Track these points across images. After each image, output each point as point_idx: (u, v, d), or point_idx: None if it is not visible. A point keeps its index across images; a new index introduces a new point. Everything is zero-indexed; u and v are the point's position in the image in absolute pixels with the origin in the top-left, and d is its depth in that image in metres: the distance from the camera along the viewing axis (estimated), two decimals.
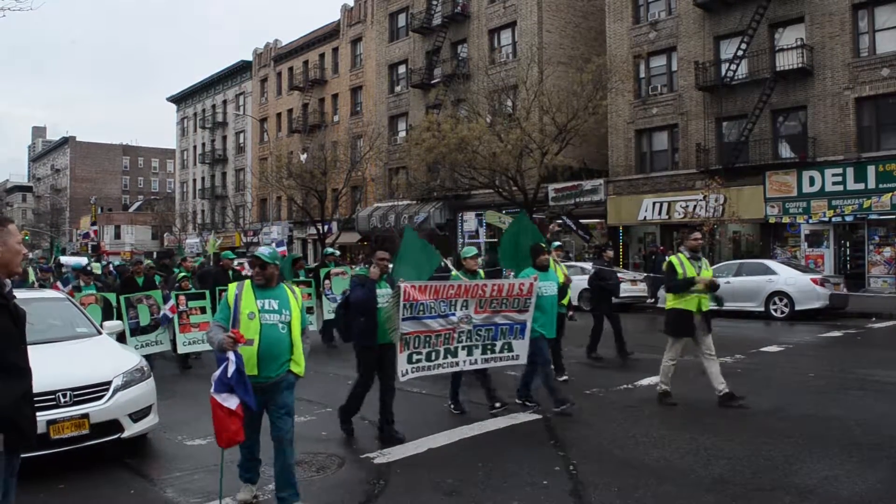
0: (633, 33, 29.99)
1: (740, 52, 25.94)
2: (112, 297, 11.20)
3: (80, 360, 6.88)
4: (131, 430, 6.54)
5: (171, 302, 11.41)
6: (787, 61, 25.11)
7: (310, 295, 13.60)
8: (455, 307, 7.32)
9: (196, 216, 64.49)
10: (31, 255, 47.54)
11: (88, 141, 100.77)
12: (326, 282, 14.16)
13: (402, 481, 5.88)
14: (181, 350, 11.67)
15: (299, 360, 5.22)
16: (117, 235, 77.30)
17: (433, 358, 7.28)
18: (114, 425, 6.40)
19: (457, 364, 7.53)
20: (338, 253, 17.32)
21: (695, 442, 6.69)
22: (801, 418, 7.46)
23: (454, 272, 8.65)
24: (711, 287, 8.45)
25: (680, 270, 8.48)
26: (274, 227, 48.94)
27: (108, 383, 6.47)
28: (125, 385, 6.58)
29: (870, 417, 7.43)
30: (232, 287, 5.21)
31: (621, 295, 21.08)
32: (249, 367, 4.89)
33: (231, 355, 4.69)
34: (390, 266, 7.51)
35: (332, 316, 13.40)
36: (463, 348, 7.50)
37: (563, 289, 9.87)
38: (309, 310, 12.84)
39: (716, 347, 8.60)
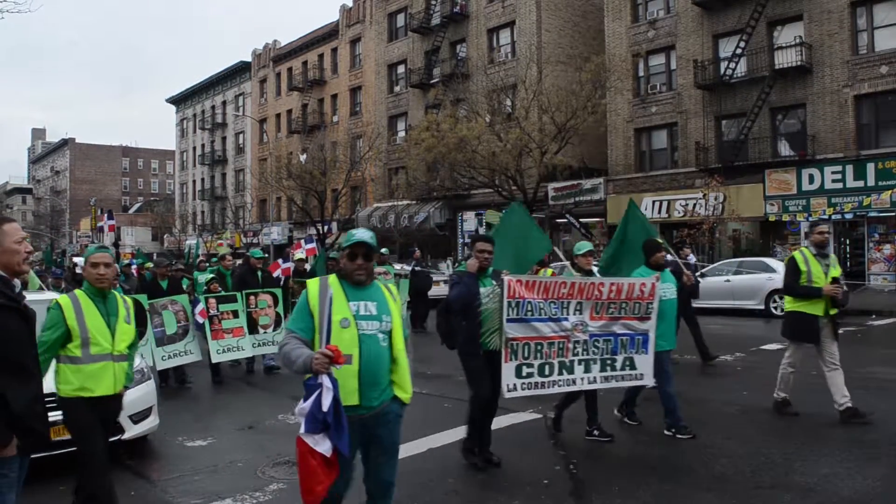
0: (632, 32, 29.99)
1: (739, 51, 25.95)
2: (144, 299, 10.23)
3: None
4: (132, 431, 6.53)
5: (201, 305, 10.64)
6: (786, 59, 25.12)
7: None
8: (568, 310, 6.11)
9: (196, 217, 64.48)
10: (32, 257, 47.55)
11: (88, 142, 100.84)
12: None
13: (401, 481, 5.86)
14: (215, 358, 10.71)
15: (405, 382, 3.95)
16: (117, 237, 77.22)
17: (547, 372, 6.06)
18: (115, 426, 6.38)
19: (573, 382, 6.24)
20: (385, 251, 16.30)
21: (696, 441, 6.69)
22: (801, 416, 7.46)
23: (568, 268, 7.46)
24: (838, 302, 7.31)
25: (804, 268, 7.38)
26: (274, 228, 48.91)
27: None
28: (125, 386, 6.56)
29: (870, 415, 7.43)
30: (313, 285, 3.88)
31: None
32: (346, 393, 3.63)
33: (326, 381, 3.46)
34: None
35: None
36: (580, 363, 6.21)
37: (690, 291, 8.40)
38: None
39: (714, 346, 8.58)
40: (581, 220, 30.89)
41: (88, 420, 4.64)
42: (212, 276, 12.18)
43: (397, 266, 20.57)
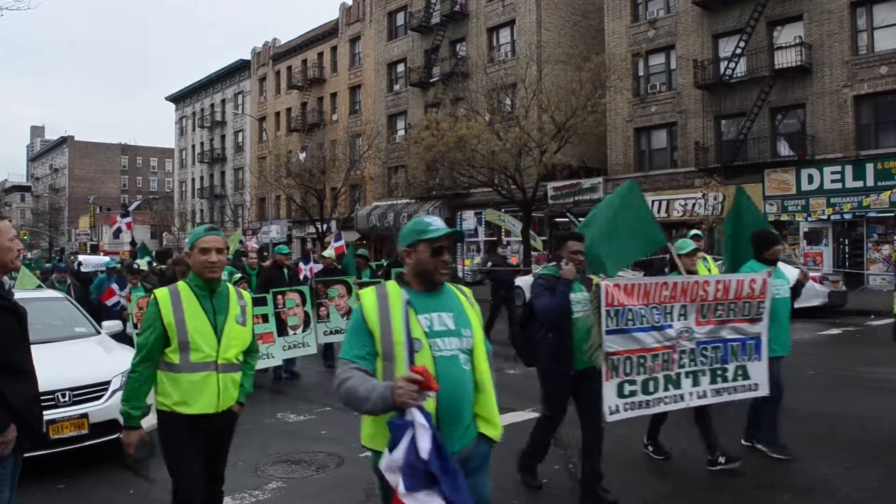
0: (632, 31, 29.99)
1: (739, 50, 25.95)
2: None
3: (79, 359, 6.86)
4: None
5: None
6: (786, 59, 25.12)
7: None
8: (672, 316, 5.37)
9: (195, 215, 64.46)
10: (29, 255, 47.50)
11: (87, 140, 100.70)
12: None
13: None
14: None
15: (492, 415, 3.06)
16: (116, 235, 77.15)
17: (651, 389, 5.30)
18: (113, 425, 6.37)
19: (681, 398, 5.44)
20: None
21: (695, 440, 6.69)
22: (800, 416, 7.46)
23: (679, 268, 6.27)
24: None
25: None
26: (273, 226, 48.91)
27: (108, 383, 6.46)
28: (124, 384, 6.56)
29: (869, 415, 7.43)
30: (368, 296, 2.96)
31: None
32: None
33: (417, 416, 2.58)
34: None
35: None
36: (687, 375, 5.44)
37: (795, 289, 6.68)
38: None
39: None
40: (580, 219, 30.86)
41: (182, 440, 3.80)
42: (239, 275, 11.10)
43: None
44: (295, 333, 10.41)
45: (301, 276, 13.07)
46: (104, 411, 6.29)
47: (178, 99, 67.98)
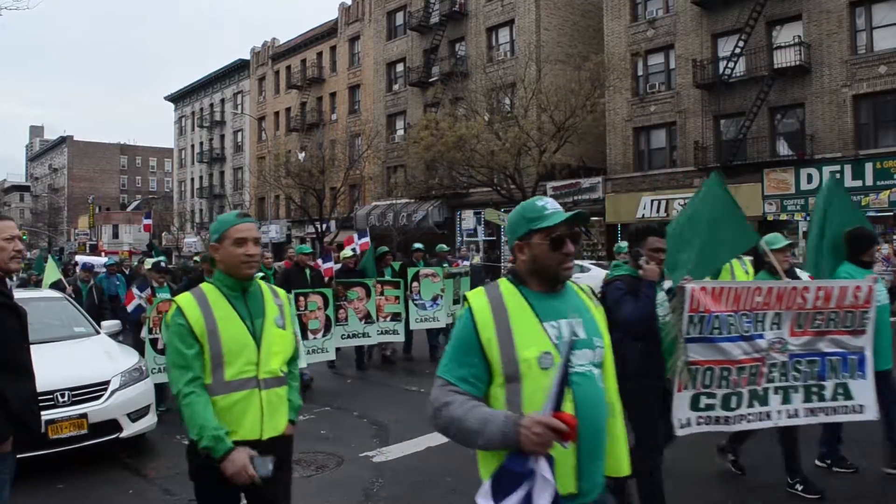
0: (631, 31, 29.98)
1: (738, 50, 25.95)
2: None
3: (79, 359, 6.86)
4: (130, 429, 6.54)
5: None
6: (785, 59, 25.12)
7: (398, 298, 11.56)
8: (764, 324, 4.75)
9: (194, 215, 64.44)
10: (28, 255, 47.48)
11: (86, 140, 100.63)
12: (414, 284, 11.80)
13: (401, 479, 5.88)
14: None
15: (621, 449, 2.50)
16: (115, 235, 77.23)
17: (733, 405, 4.69)
18: (112, 425, 6.39)
19: (767, 416, 4.81)
20: (445, 248, 14.61)
21: (696, 437, 6.68)
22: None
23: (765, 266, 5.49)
24: None
25: None
26: (272, 226, 48.90)
27: (107, 383, 6.47)
28: (123, 385, 6.58)
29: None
30: (479, 300, 2.34)
31: None
32: (560, 477, 2.16)
33: (544, 468, 2.04)
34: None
35: (419, 325, 11.88)
36: (776, 391, 4.81)
37: None
38: (396, 316, 11.48)
39: None
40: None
41: (222, 479, 2.94)
42: (261, 274, 10.66)
43: (465, 263, 19.08)
44: (315, 338, 9.99)
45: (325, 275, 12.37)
46: (103, 411, 6.30)
47: (178, 99, 67.94)
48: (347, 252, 13.27)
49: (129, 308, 9.36)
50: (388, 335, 11.41)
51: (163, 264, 9.46)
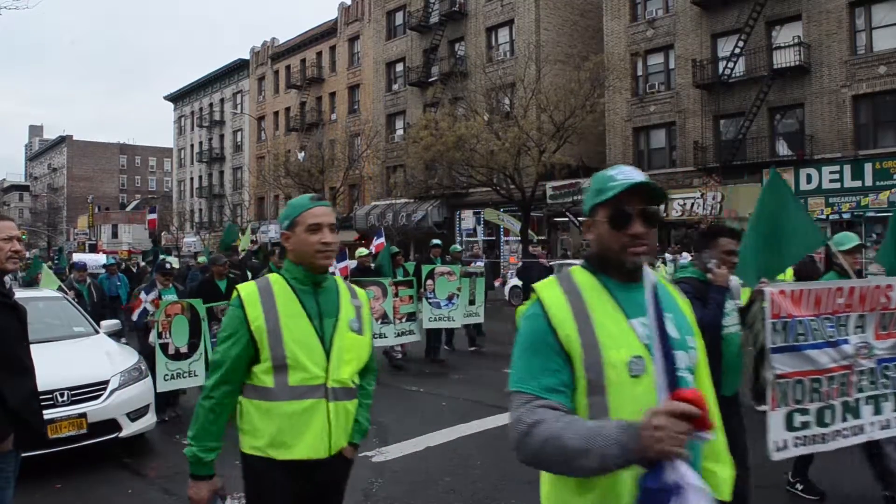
0: (631, 31, 29.98)
1: (738, 50, 25.95)
2: (199, 305, 8.34)
3: (78, 359, 6.86)
4: (129, 429, 6.54)
5: None
6: (785, 59, 25.12)
7: (411, 298, 11.34)
8: (847, 328, 4.35)
9: (193, 215, 64.43)
10: (27, 255, 47.36)
11: (85, 140, 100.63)
12: (429, 283, 11.52)
13: (399, 479, 5.88)
14: None
15: (723, 457, 2.06)
16: (115, 234, 77.22)
17: (828, 420, 4.28)
18: (111, 424, 6.40)
19: (861, 430, 4.37)
20: (459, 247, 14.33)
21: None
22: None
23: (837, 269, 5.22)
24: None
25: None
26: (271, 226, 48.92)
27: (106, 382, 6.47)
28: (123, 384, 6.58)
29: None
30: (552, 291, 1.93)
31: None
32: None
33: (687, 474, 1.59)
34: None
35: (433, 325, 11.61)
36: (867, 401, 4.38)
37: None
38: (411, 316, 11.32)
39: None
40: (579, 218, 30.92)
41: (276, 498, 2.71)
42: (274, 275, 10.35)
43: (480, 263, 18.60)
44: None
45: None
46: (102, 411, 6.30)
47: (177, 98, 67.92)
48: (363, 251, 13.08)
49: (134, 316, 8.77)
50: (405, 336, 11.25)
51: (168, 266, 9.26)
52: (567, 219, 31.29)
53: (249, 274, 12.29)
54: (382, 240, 14.59)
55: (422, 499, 5.41)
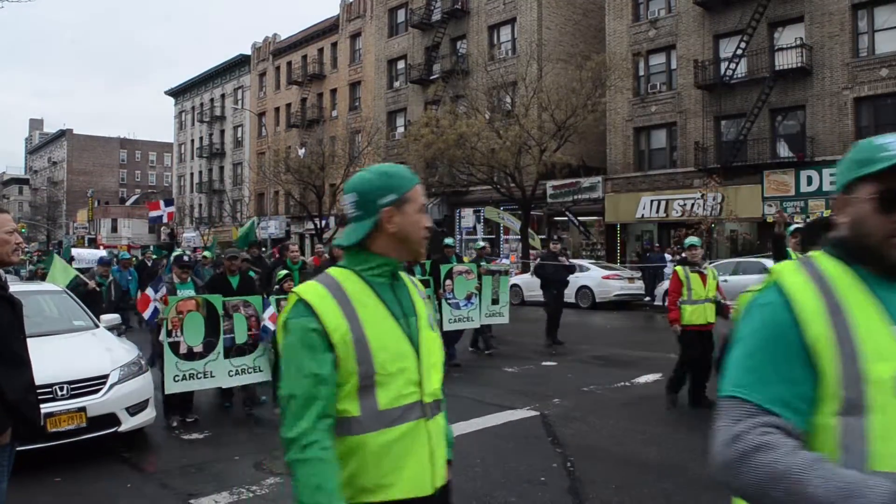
0: (633, 31, 29.97)
1: (739, 51, 25.93)
2: (218, 301, 7.92)
3: (78, 353, 6.85)
4: (128, 423, 6.54)
5: (272, 309, 8.18)
6: (787, 61, 25.11)
7: (428, 298, 10.86)
8: None
9: (193, 210, 64.41)
10: (26, 248, 47.36)
11: (86, 134, 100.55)
12: (447, 282, 11.00)
13: None
14: None
15: None
16: (114, 229, 77.19)
17: None
18: (111, 419, 6.39)
19: None
20: (481, 244, 13.63)
21: (692, 439, 6.69)
22: None
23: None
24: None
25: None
26: (271, 222, 48.92)
27: (106, 377, 6.47)
28: (122, 379, 6.58)
29: None
30: (793, 275, 1.51)
31: (618, 292, 21.36)
32: None
33: None
34: None
35: (453, 326, 11.00)
36: None
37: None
38: None
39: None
40: (579, 218, 30.94)
41: None
42: (285, 272, 9.38)
43: (505, 260, 18.17)
44: None
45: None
46: (102, 405, 6.30)
47: (178, 93, 67.88)
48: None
49: (146, 315, 8.20)
50: None
51: (186, 258, 8.84)
52: (567, 218, 31.27)
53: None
54: None
55: None
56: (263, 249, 20.33)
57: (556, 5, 34.62)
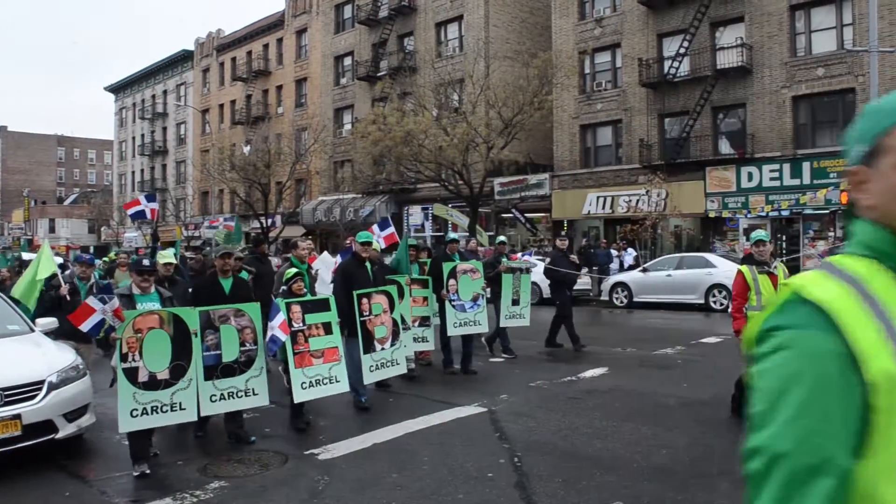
0: (579, 29, 30.27)
1: (682, 50, 26.40)
2: (192, 315, 6.48)
3: (12, 358, 6.61)
4: (66, 430, 6.34)
5: (282, 316, 6.93)
6: (728, 59, 25.65)
7: (426, 300, 10.13)
8: None
9: None
10: None
11: (21, 131, 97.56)
12: (451, 282, 10.17)
13: (346, 477, 5.82)
14: (299, 397, 7.11)
15: None
16: (52, 229, 75.03)
17: None
18: (48, 425, 6.20)
19: None
20: (501, 238, 12.83)
21: (637, 432, 6.78)
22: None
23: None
24: None
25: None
26: (219, 217, 48.14)
27: (42, 382, 6.26)
28: (60, 384, 6.38)
29: None
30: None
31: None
32: None
33: None
34: None
35: (458, 331, 10.21)
36: None
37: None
38: (424, 321, 10.03)
39: (656, 339, 8.72)
40: (526, 214, 31.16)
41: None
42: (294, 271, 7.85)
43: (528, 256, 17.60)
44: (384, 348, 8.27)
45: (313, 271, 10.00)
46: (38, 412, 6.11)
47: (118, 89, 66.27)
48: (375, 245, 10.63)
49: (85, 326, 6.30)
50: (420, 343, 9.91)
51: (146, 262, 7.08)
52: (513, 215, 31.48)
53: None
54: (392, 230, 12.32)
55: (368, 496, 5.36)
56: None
57: (502, 3, 34.77)
